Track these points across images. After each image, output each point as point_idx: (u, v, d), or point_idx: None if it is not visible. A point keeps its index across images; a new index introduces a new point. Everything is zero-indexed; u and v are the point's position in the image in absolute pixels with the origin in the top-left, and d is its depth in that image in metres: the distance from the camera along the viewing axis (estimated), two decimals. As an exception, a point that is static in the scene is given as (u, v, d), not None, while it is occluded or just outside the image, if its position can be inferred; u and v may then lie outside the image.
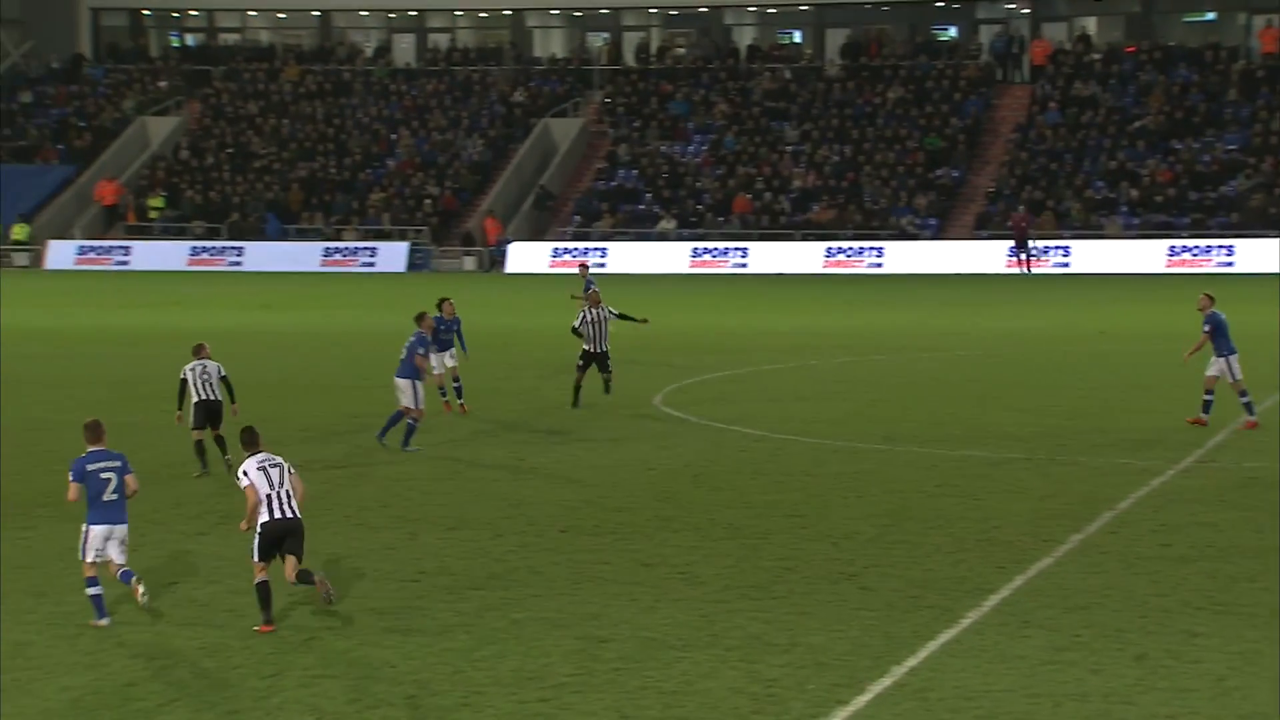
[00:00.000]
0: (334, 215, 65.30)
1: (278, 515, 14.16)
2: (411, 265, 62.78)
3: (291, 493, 14.29)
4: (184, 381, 20.80)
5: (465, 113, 69.14)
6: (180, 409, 21.05)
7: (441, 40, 74.44)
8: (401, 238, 64.06)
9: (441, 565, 16.50)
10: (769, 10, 73.01)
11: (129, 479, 14.53)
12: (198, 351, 20.92)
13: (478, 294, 53.25)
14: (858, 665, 13.12)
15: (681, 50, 71.73)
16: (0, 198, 66.82)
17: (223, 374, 20.85)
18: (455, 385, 26.35)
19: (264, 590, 14.15)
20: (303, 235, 65.19)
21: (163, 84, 72.78)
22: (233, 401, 20.81)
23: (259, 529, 14.22)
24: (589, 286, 32.60)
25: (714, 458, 22.26)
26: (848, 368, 32.44)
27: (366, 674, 13.02)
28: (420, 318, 23.46)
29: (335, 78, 71.82)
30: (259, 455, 14.46)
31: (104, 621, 14.39)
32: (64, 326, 41.61)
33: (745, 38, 72.22)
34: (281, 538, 14.19)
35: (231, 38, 76.62)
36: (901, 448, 22.60)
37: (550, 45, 74.80)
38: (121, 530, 14.51)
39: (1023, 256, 57.08)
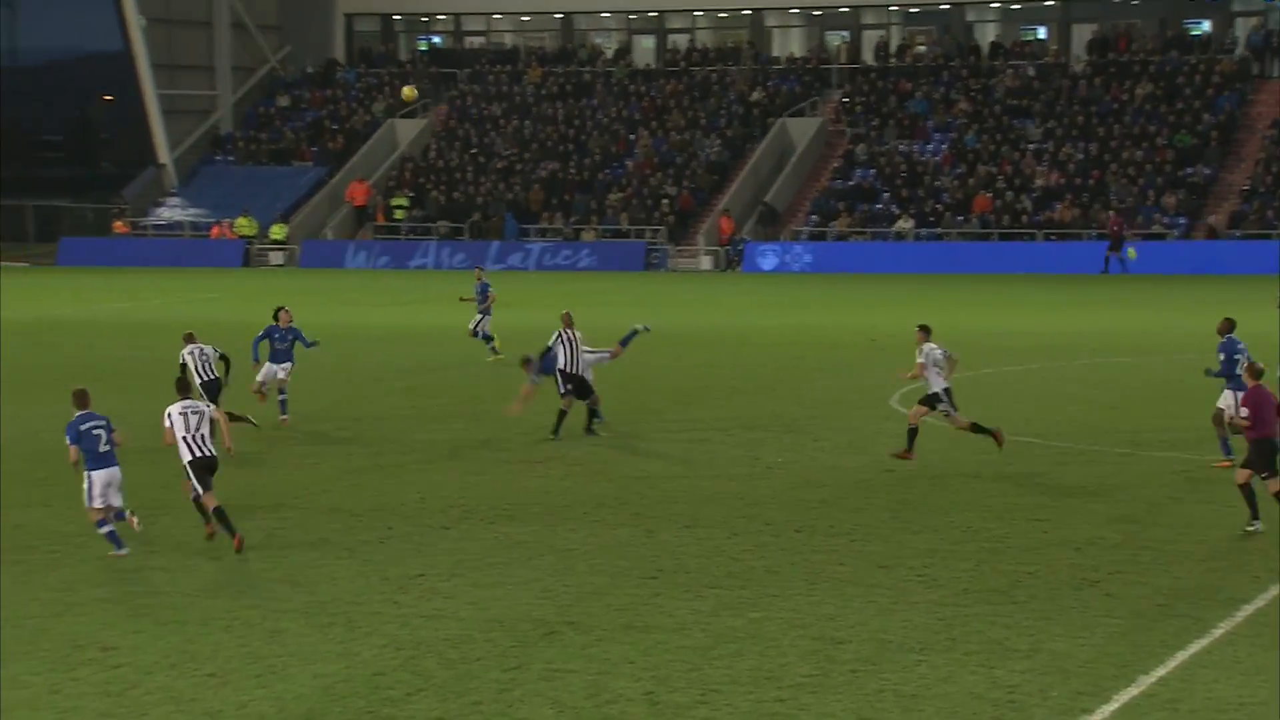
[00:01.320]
0: (573, 215, 66.15)
1: (197, 454, 17.21)
2: (648, 265, 63.26)
3: (206, 435, 17.16)
4: (183, 365, 22.96)
5: (703, 113, 69.40)
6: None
7: (681, 41, 74.85)
8: (638, 237, 64.60)
9: (678, 563, 16.62)
10: (1013, 7, 71.74)
11: (115, 434, 16.96)
12: (188, 339, 23.22)
13: (715, 293, 53.53)
14: (1103, 674, 12.83)
15: (922, 48, 70.90)
16: (260, 198, 69.33)
17: (220, 353, 23.17)
18: (281, 397, 25.12)
19: (198, 505, 17.42)
20: (542, 235, 66.18)
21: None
22: (227, 372, 23.11)
23: (186, 464, 17.20)
24: (485, 289, 32.63)
25: (952, 460, 21.97)
26: (1091, 369, 31.70)
27: (605, 669, 13.17)
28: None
29: (576, 79, 72.74)
30: (186, 403, 17.32)
31: (124, 552, 16.82)
32: (315, 323, 42.86)
33: (988, 35, 71.08)
34: (206, 470, 17.18)
35: (477, 41, 78.19)
36: (1146, 452, 22.01)
37: (789, 44, 74.65)
38: (116, 473, 16.94)
39: (1118, 257, 55.37)
